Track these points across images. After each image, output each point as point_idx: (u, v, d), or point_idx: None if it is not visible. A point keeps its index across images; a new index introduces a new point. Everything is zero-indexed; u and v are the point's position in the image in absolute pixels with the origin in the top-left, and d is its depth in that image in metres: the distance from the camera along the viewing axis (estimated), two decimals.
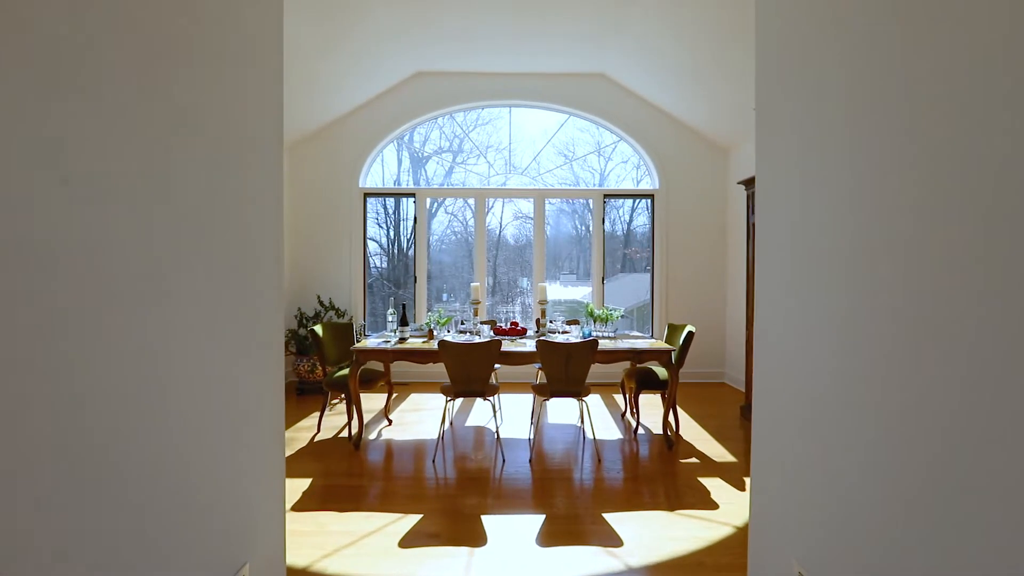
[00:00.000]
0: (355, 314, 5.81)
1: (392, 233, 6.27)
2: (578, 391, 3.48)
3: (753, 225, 4.37)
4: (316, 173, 5.87)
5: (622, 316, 4.22)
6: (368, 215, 6.13)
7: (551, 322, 4.42)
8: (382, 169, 6.15)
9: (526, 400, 5.03)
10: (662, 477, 3.23)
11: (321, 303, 5.52)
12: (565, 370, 3.39)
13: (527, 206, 6.25)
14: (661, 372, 4.06)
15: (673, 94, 5.42)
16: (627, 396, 4.51)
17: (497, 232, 6.35)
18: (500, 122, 6.11)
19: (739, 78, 4.54)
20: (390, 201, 6.18)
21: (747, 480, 3.16)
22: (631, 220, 6.11)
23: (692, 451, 3.67)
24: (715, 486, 3.08)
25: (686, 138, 5.87)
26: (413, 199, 6.02)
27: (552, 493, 3.01)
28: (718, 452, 3.65)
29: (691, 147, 5.89)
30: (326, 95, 5.28)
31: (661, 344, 3.80)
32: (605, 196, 6.01)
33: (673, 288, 5.92)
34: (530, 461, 3.46)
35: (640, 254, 6.23)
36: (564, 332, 4.13)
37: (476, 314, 4.14)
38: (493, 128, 6.15)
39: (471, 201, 6.09)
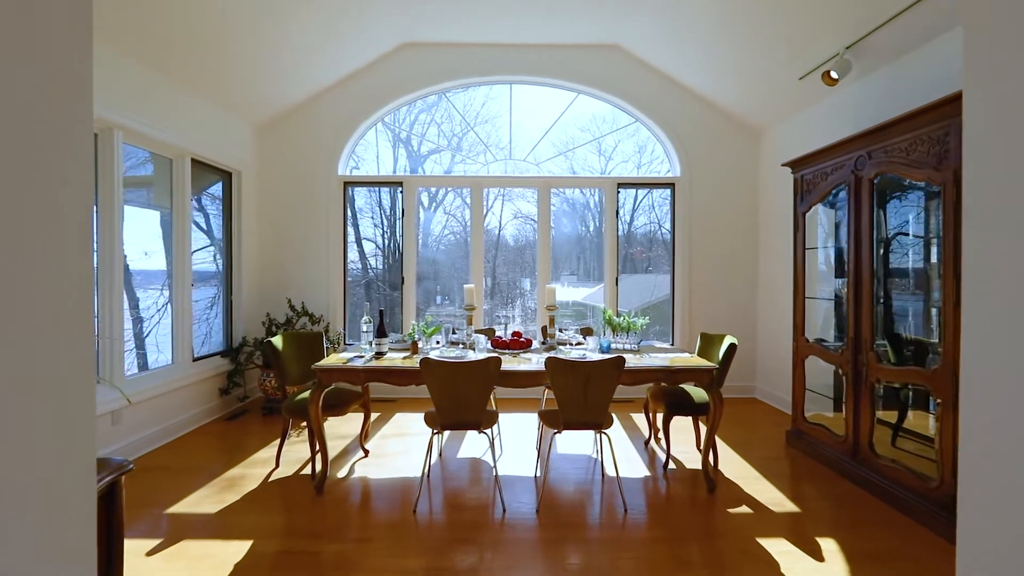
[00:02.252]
0: (332, 321, 5.07)
1: (389, 232, 5.51)
2: (599, 423, 2.74)
3: (804, 216, 3.65)
4: (287, 159, 5.13)
5: (647, 324, 3.49)
6: (364, 214, 5.40)
7: (561, 331, 3.69)
8: (377, 167, 5.41)
9: (529, 421, 4.29)
10: (708, 537, 2.49)
11: (292, 307, 4.78)
12: (583, 395, 2.66)
13: (527, 206, 5.55)
14: (697, 393, 3.32)
15: (698, 67, 4.70)
16: (651, 419, 3.78)
17: (496, 232, 5.63)
18: (498, 102, 5.37)
19: (776, 46, 3.81)
20: (386, 198, 5.43)
21: (823, 543, 2.42)
22: (632, 220, 5.41)
23: (739, 495, 2.94)
24: (782, 552, 2.35)
25: (712, 119, 5.15)
26: (400, 189, 5.28)
27: (564, 556, 2.28)
28: (773, 497, 2.91)
29: (718, 129, 5.16)
30: (298, 69, 4.55)
31: (699, 361, 3.07)
32: (619, 185, 5.28)
33: (697, 291, 5.18)
34: (536, 511, 2.72)
35: (645, 254, 5.52)
36: (578, 344, 3.39)
37: (470, 322, 3.40)
38: (492, 108, 5.41)
39: (468, 199, 5.35)
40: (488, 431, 2.83)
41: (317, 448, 2.99)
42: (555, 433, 2.83)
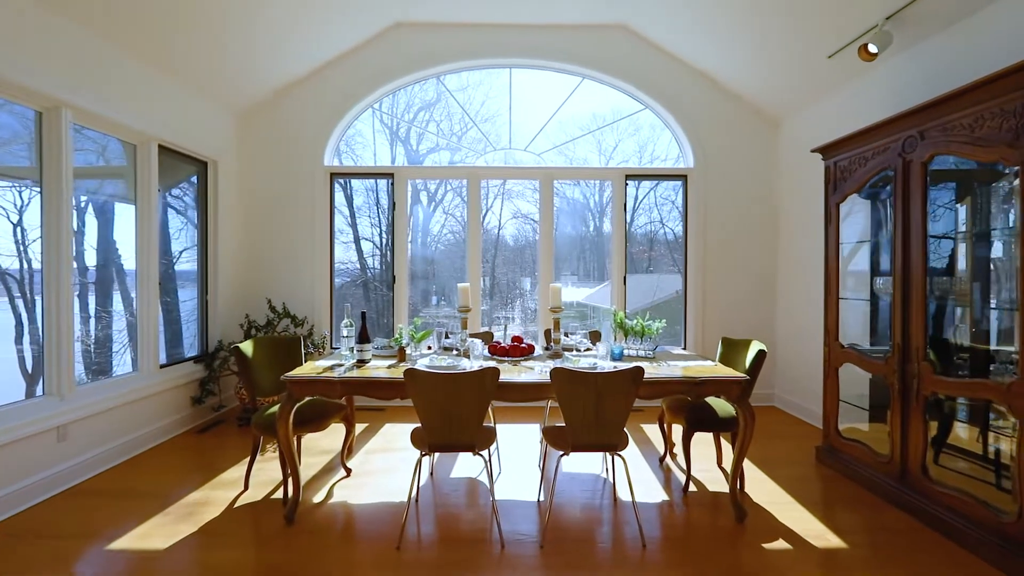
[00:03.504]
0: (317, 323, 4.68)
1: (388, 232, 5.11)
2: (613, 444, 2.36)
3: (837, 207, 3.26)
4: (270, 148, 4.75)
5: (663, 328, 3.11)
6: (363, 213, 5.02)
7: (567, 335, 3.31)
8: (374, 163, 5.03)
9: (530, 434, 3.91)
10: None
11: (273, 309, 4.40)
12: (594, 412, 2.28)
13: (527, 206, 5.19)
14: (721, 406, 2.95)
15: (712, 49, 4.32)
16: (666, 433, 3.40)
17: (496, 232, 5.27)
18: (496, 90, 4.99)
19: (802, 21, 3.44)
20: (384, 197, 5.03)
21: None
22: (632, 220, 5.04)
23: (771, 525, 2.56)
24: None
25: (728, 106, 4.77)
26: (391, 181, 4.90)
27: None
28: (811, 528, 2.53)
29: (734, 117, 4.78)
30: (282, 50, 4.17)
31: (727, 371, 2.68)
32: (627, 177, 4.90)
33: (711, 290, 4.80)
34: (540, 545, 2.34)
35: (646, 253, 5.15)
36: (587, 351, 3.01)
37: (465, 326, 3.02)
38: (490, 93, 5.03)
39: (465, 195, 4.96)
40: (484, 452, 2.44)
41: (292, 470, 2.61)
42: (561, 455, 2.45)
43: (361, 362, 2.83)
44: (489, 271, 5.29)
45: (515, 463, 3.34)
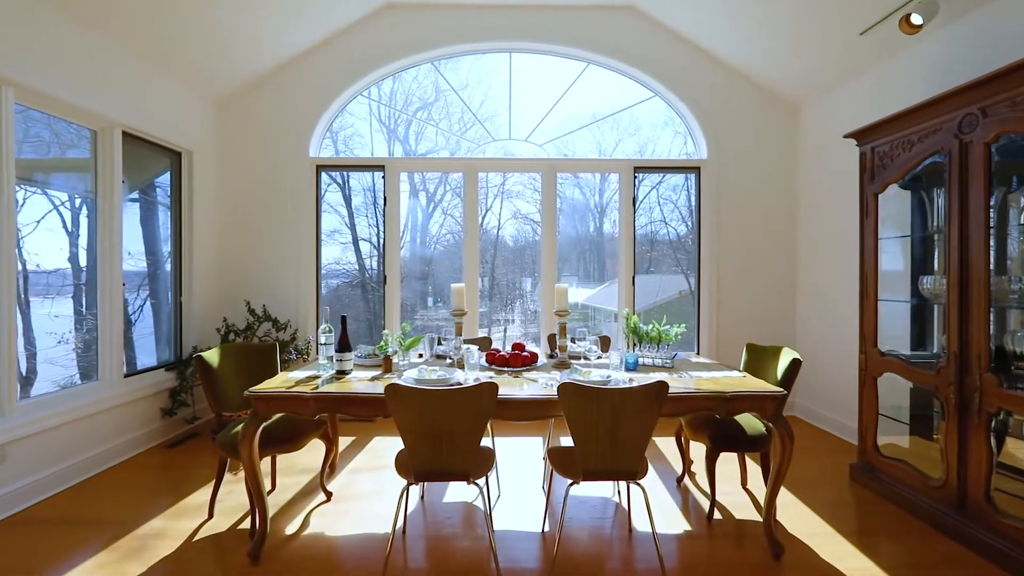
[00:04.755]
0: (302, 327, 4.34)
1: (384, 230, 4.76)
2: (632, 471, 2.02)
3: (876, 197, 2.92)
4: (251, 138, 4.40)
5: (682, 333, 2.77)
6: (361, 212, 4.67)
7: (574, 341, 2.96)
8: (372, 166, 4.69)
9: (533, 448, 3.56)
10: None
11: (252, 312, 4.05)
12: (609, 434, 1.94)
13: (526, 206, 4.87)
14: (749, 423, 2.60)
15: (727, 30, 3.98)
16: (684, 449, 3.07)
17: (495, 232, 4.95)
18: (495, 82, 4.65)
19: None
20: (381, 195, 4.67)
21: None
22: (633, 220, 4.69)
23: (814, 562, 2.21)
24: None
25: (744, 92, 4.43)
26: (381, 173, 4.56)
27: None
28: (859, 566, 2.19)
29: (751, 104, 4.44)
30: (263, 33, 3.83)
31: (761, 384, 2.34)
32: (636, 169, 4.56)
33: (725, 290, 4.46)
34: None
35: (648, 254, 4.82)
36: (598, 360, 2.67)
37: (459, 332, 2.68)
38: (487, 77, 4.69)
39: (461, 191, 4.61)
40: (481, 481, 2.10)
41: (259, 500, 2.26)
42: (570, 484, 2.10)
43: (341, 373, 2.48)
44: (488, 271, 4.96)
45: (516, 485, 2.99)
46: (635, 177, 4.56)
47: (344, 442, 3.72)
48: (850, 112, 3.75)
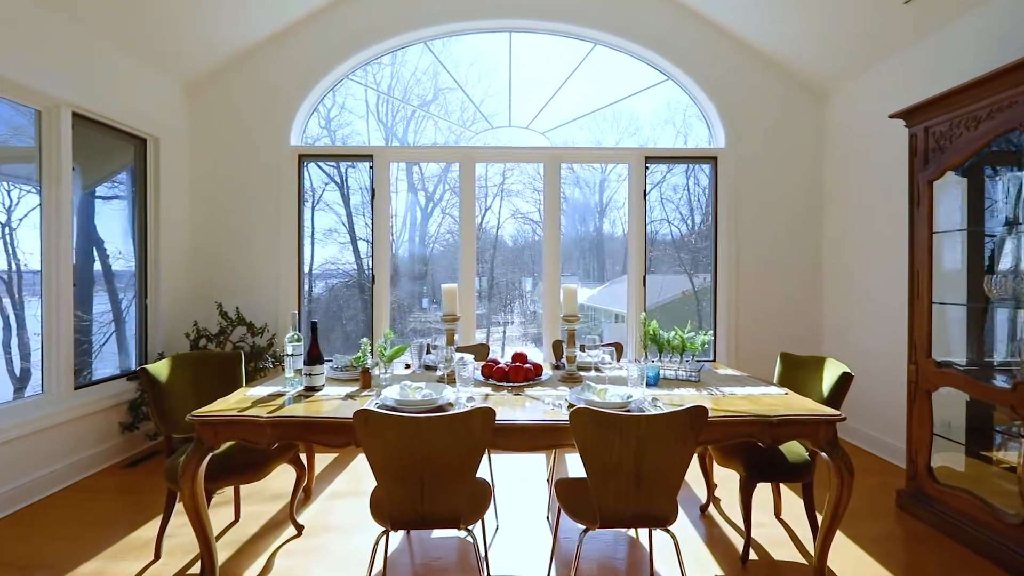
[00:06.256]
0: (281, 332, 3.95)
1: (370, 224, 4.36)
2: (662, 517, 1.64)
3: (931, 184, 2.55)
4: (226, 126, 4.02)
5: (708, 341, 2.39)
6: (359, 211, 4.28)
7: (584, 350, 2.58)
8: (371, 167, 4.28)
9: (536, 466, 3.18)
10: None
11: (224, 315, 3.67)
12: (635, 471, 1.56)
13: (526, 206, 4.52)
14: (790, 448, 2.23)
15: (749, 5, 3.61)
16: (708, 473, 2.69)
17: (495, 232, 4.59)
18: (491, 54, 4.26)
19: None
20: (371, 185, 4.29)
21: None
22: (630, 220, 4.35)
23: None
24: None
25: (766, 74, 4.05)
26: (370, 164, 4.18)
27: None
28: None
29: (774, 87, 4.06)
30: (238, 10, 3.44)
31: (807, 404, 1.96)
32: (647, 159, 4.18)
33: (745, 292, 4.08)
34: None
35: (652, 254, 4.46)
36: (616, 372, 2.28)
37: (451, 341, 2.29)
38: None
39: (457, 187, 4.23)
40: (475, 527, 1.72)
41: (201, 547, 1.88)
42: (584, 530, 1.72)
43: (310, 390, 2.11)
44: (488, 271, 4.60)
45: (517, 513, 2.61)
46: (646, 168, 4.17)
47: (324, 460, 3.34)
48: (889, 93, 3.37)
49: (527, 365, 2.24)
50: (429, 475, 1.56)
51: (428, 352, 2.64)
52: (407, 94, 4.37)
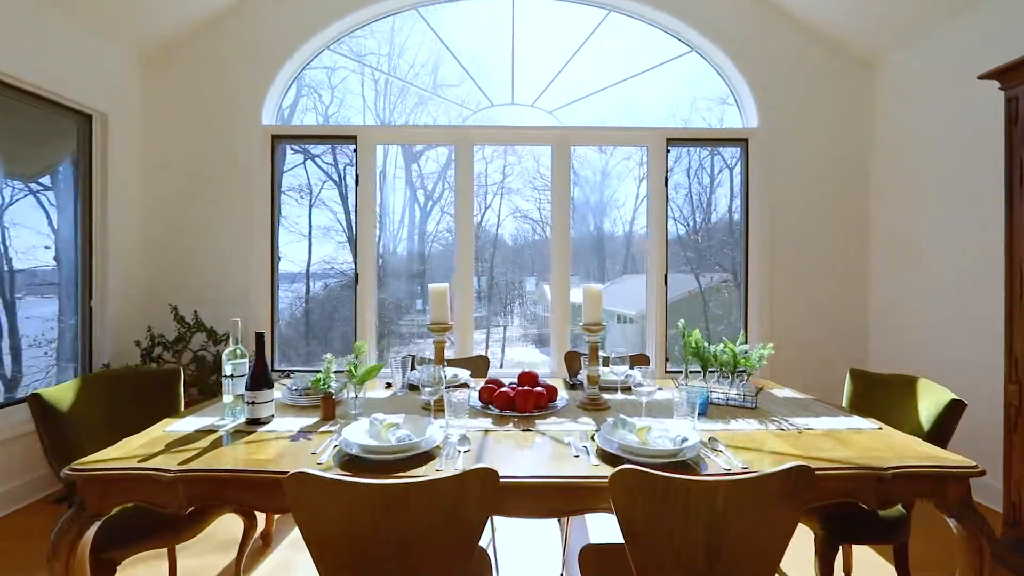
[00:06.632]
0: (250, 341, 3.43)
1: (379, 230, 3.84)
2: None
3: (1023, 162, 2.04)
4: (187, 102, 3.51)
5: (767, 355, 1.89)
6: (355, 209, 3.78)
7: (607, 365, 2.07)
8: (372, 166, 3.78)
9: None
10: None
11: (180, 319, 3.16)
12: (706, 557, 1.04)
13: (526, 204, 4.03)
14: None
15: None
16: None
17: (494, 232, 4.11)
18: (492, 21, 3.75)
19: None
20: (380, 193, 3.78)
21: None
22: (633, 219, 3.97)
23: None
24: None
25: (804, 44, 3.54)
26: (353, 147, 3.67)
27: None
28: None
29: (813, 59, 3.55)
30: None
31: (930, 451, 1.44)
32: (669, 141, 3.67)
33: (779, 291, 3.58)
34: None
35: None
36: (651, 394, 1.75)
37: (440, 358, 1.78)
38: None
39: (456, 173, 3.72)
40: None
41: None
42: None
43: (254, 423, 1.59)
44: (487, 271, 4.12)
45: (521, 556, 2.10)
46: (667, 151, 3.67)
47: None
48: (964, 55, 2.85)
49: (538, 388, 1.73)
50: (400, 567, 1.05)
51: (413, 368, 2.13)
52: (406, 73, 3.85)
